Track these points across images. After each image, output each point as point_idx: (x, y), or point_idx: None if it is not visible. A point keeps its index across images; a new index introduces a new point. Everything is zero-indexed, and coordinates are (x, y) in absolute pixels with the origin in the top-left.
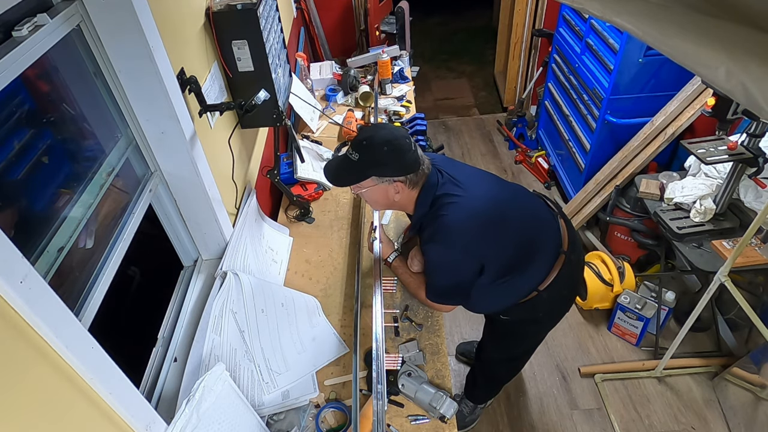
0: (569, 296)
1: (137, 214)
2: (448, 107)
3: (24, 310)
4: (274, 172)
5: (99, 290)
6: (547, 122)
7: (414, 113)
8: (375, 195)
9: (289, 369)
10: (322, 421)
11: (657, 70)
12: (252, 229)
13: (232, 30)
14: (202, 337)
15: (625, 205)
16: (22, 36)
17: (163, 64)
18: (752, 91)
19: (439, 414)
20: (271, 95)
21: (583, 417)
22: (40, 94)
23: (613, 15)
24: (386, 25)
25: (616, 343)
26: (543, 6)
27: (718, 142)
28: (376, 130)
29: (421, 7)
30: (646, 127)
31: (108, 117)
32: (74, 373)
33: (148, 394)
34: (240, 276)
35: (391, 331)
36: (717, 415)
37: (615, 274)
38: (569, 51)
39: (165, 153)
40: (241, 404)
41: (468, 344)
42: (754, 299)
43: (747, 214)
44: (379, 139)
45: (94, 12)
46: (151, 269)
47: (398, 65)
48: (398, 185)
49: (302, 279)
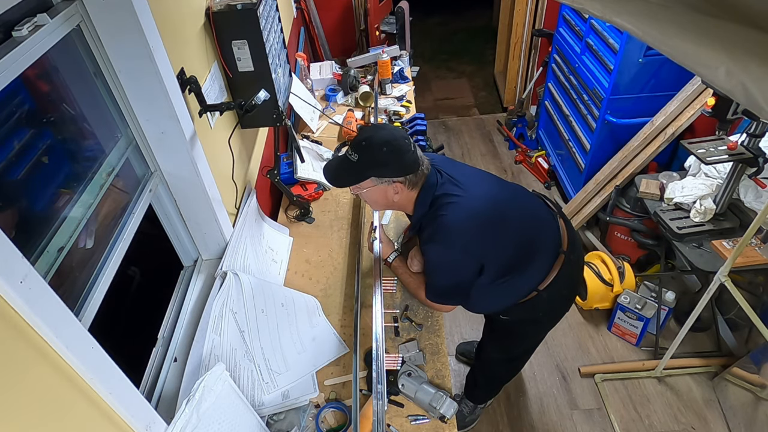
0: (569, 296)
1: (137, 214)
2: (448, 107)
3: (24, 310)
4: (274, 172)
5: (99, 290)
6: (547, 122)
7: (414, 113)
8: (374, 195)
9: (289, 369)
10: (322, 421)
11: (657, 70)
12: (252, 229)
13: (232, 30)
14: (202, 337)
15: (625, 205)
16: (22, 36)
17: (163, 64)
18: (752, 91)
19: (439, 414)
20: (271, 95)
21: (583, 417)
22: (40, 94)
23: (613, 15)
24: (386, 25)
25: (616, 343)
26: (543, 6)
27: (718, 142)
28: (376, 131)
29: (421, 7)
30: (646, 127)
31: (108, 117)
32: (74, 373)
33: (148, 394)
34: (240, 276)
35: (391, 331)
36: (717, 415)
37: (615, 274)
38: (569, 51)
39: (165, 153)
40: (241, 404)
41: (468, 344)
42: (754, 299)
43: (747, 214)
44: (378, 140)
45: (94, 12)
46: (151, 269)
47: (398, 65)
48: (397, 186)
49: (302, 279)
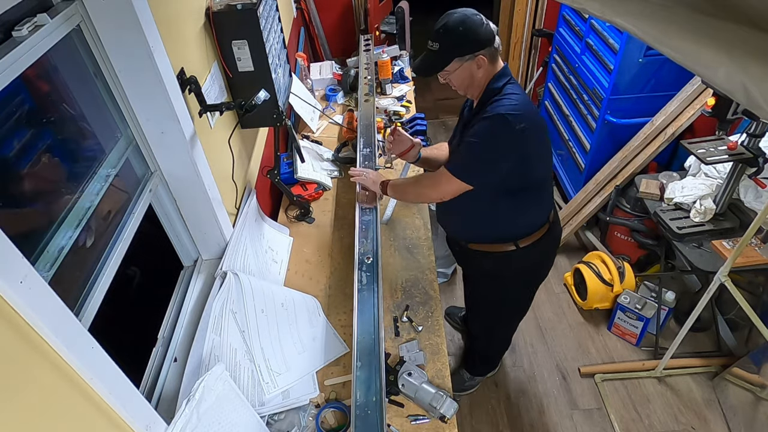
0: (537, 269)
1: (137, 214)
2: (448, 107)
3: (24, 310)
4: (274, 172)
5: (99, 290)
6: (547, 122)
7: (414, 113)
8: (461, 76)
9: (289, 369)
10: (322, 421)
11: (657, 70)
12: (252, 229)
13: (232, 30)
14: (202, 337)
15: (625, 205)
16: (22, 36)
17: (163, 64)
18: (752, 91)
19: (439, 414)
20: (271, 95)
21: (583, 417)
22: (40, 94)
23: (613, 15)
24: (386, 25)
25: (616, 343)
26: (543, 6)
27: (718, 142)
28: (448, 17)
29: (421, 7)
30: (646, 127)
31: (108, 117)
32: (74, 373)
33: (148, 394)
34: (240, 276)
35: (391, 331)
36: (717, 415)
37: (615, 274)
38: (569, 51)
39: (165, 153)
40: (241, 404)
41: (455, 308)
42: (754, 299)
43: (747, 214)
44: (452, 24)
45: (94, 12)
46: (151, 269)
47: (398, 65)
48: (480, 59)
49: (302, 279)
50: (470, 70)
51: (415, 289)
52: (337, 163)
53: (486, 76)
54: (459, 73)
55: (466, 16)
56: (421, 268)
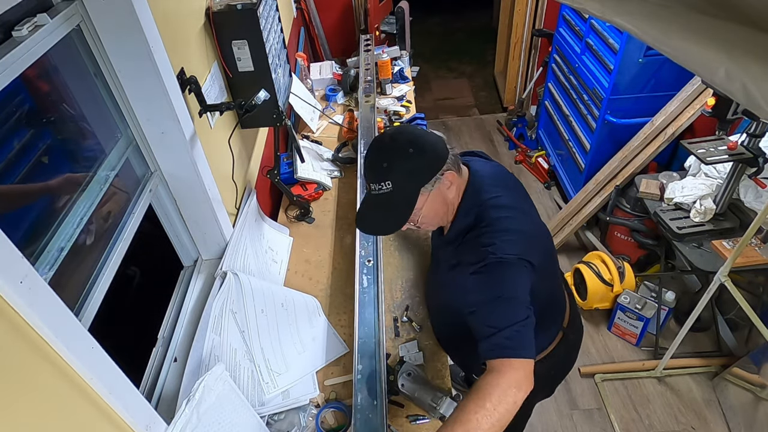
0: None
1: (137, 214)
2: (448, 107)
3: (24, 310)
4: (274, 172)
5: (99, 290)
6: (547, 122)
7: (414, 113)
8: (434, 207)
9: (289, 369)
10: (322, 421)
11: (657, 70)
12: (252, 229)
13: (232, 30)
14: (202, 337)
15: (625, 205)
16: (22, 36)
17: (163, 64)
18: (752, 91)
19: (439, 414)
20: (271, 95)
21: (583, 417)
22: (40, 94)
23: (613, 15)
24: (386, 25)
25: (616, 343)
26: (543, 6)
27: (718, 142)
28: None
29: (421, 7)
30: (646, 127)
31: (108, 117)
32: (74, 373)
33: (148, 394)
34: (240, 276)
35: (391, 331)
36: (717, 415)
37: (615, 274)
38: (569, 51)
39: (165, 153)
40: (241, 404)
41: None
42: (754, 299)
43: (747, 214)
44: (399, 150)
45: (94, 12)
46: (151, 269)
47: (398, 65)
48: (447, 175)
49: (302, 279)
50: (442, 195)
51: (415, 289)
52: (337, 163)
53: (458, 190)
54: (430, 206)
55: (405, 131)
56: (422, 268)
